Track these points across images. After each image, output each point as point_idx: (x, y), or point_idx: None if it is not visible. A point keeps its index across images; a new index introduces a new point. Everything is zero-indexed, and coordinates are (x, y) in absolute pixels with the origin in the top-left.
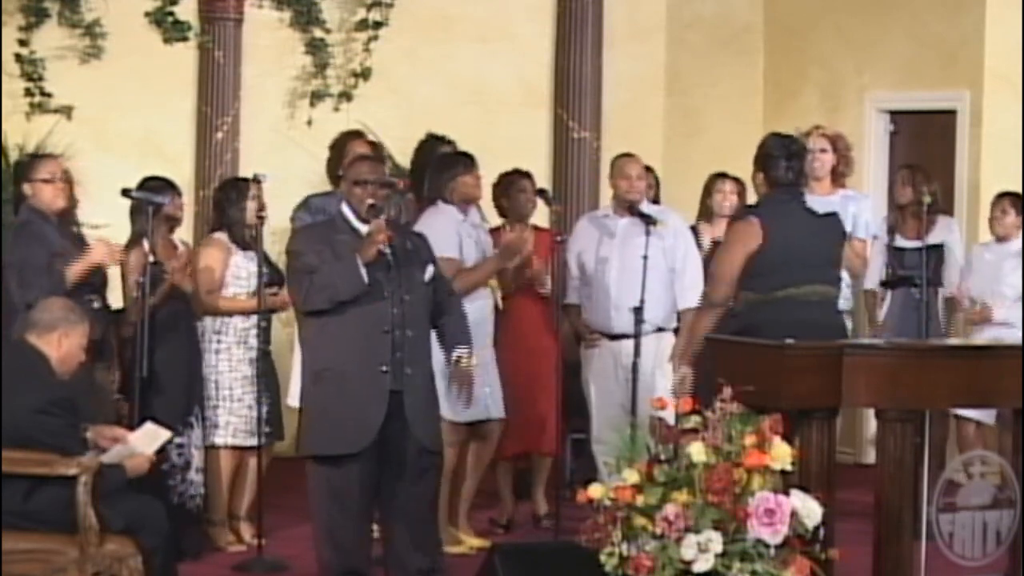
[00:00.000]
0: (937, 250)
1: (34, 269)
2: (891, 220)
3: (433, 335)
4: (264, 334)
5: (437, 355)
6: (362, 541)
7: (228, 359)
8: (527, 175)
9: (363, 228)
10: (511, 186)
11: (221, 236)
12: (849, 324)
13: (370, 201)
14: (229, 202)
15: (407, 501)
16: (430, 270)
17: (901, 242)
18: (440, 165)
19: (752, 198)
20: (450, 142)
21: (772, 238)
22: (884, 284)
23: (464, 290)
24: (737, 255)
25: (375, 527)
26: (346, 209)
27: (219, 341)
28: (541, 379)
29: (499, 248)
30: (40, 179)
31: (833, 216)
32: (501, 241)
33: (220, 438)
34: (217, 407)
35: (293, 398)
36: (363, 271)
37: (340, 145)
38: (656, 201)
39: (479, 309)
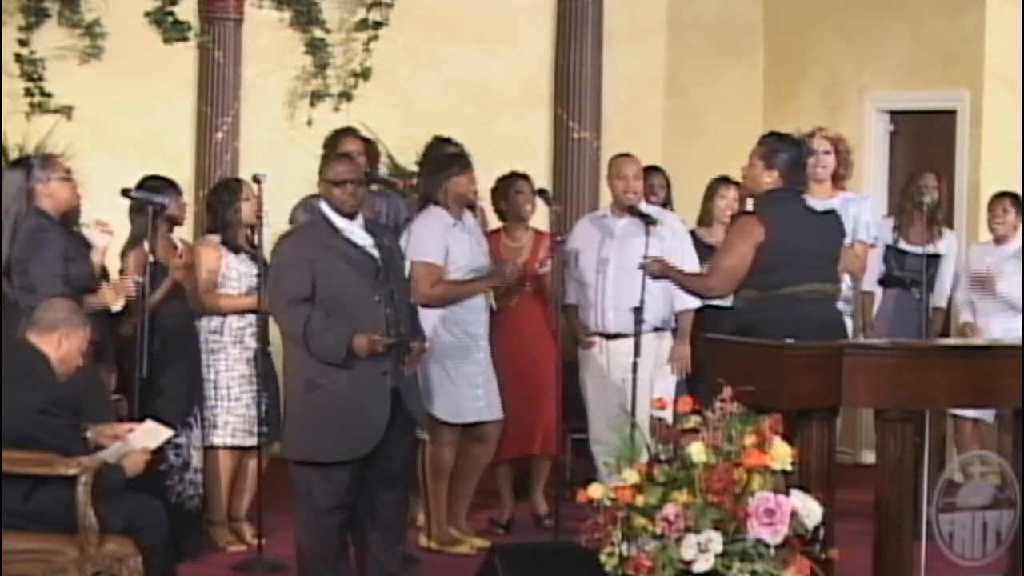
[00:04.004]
0: (937, 259)
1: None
2: (897, 221)
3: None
4: (263, 334)
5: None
6: (342, 549)
7: (225, 359)
8: (524, 177)
9: (345, 227)
10: (509, 188)
11: (213, 238)
12: (850, 325)
13: (351, 202)
14: (222, 204)
15: (388, 503)
16: (407, 266)
17: (905, 245)
18: (436, 166)
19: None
20: (456, 144)
21: (774, 235)
22: (880, 282)
23: (443, 299)
24: (746, 250)
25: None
26: (327, 208)
27: (216, 341)
28: (541, 380)
29: (491, 272)
30: (57, 178)
31: (833, 214)
32: (497, 249)
33: (219, 438)
34: (215, 407)
35: None
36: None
37: (333, 144)
38: (666, 204)
39: (474, 310)
